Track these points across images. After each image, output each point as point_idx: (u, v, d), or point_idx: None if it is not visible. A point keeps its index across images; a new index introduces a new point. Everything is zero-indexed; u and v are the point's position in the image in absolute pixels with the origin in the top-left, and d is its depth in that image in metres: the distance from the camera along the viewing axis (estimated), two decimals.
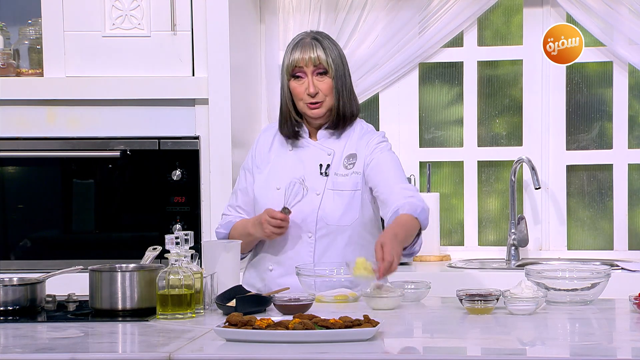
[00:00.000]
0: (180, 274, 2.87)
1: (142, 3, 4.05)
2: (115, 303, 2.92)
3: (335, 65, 3.22)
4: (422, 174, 4.49)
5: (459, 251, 4.49)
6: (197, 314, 2.89)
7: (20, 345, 2.62)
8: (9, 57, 4.11)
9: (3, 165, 4.11)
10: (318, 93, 3.22)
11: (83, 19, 4.04)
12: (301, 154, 3.28)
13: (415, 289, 3.13)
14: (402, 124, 4.52)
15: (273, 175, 3.28)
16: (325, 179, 3.24)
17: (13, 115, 4.09)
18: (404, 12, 4.41)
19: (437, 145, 4.56)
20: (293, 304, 2.89)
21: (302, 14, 4.44)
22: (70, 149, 4.06)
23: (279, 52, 4.47)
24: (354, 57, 4.43)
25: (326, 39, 3.25)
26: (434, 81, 4.57)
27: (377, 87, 4.49)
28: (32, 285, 3.00)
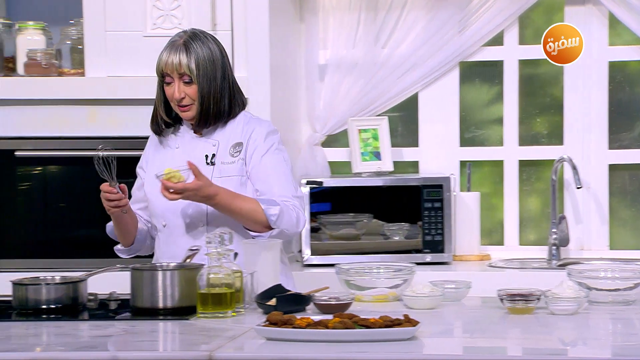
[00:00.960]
0: (221, 273, 2.88)
1: (182, 3, 4.07)
2: (156, 302, 2.93)
3: (201, 69, 3.22)
4: (463, 174, 4.47)
5: (499, 251, 4.47)
6: (237, 312, 2.90)
7: (62, 344, 2.64)
8: (51, 57, 4.14)
9: (45, 165, 4.15)
10: (184, 97, 3.24)
11: (124, 19, 4.06)
12: (187, 149, 3.31)
13: (455, 288, 3.12)
14: (442, 123, 4.51)
15: (159, 171, 3.29)
16: (212, 168, 3.28)
17: (55, 114, 4.12)
18: (444, 11, 4.40)
19: (477, 144, 4.54)
20: (333, 303, 2.89)
21: (342, 13, 4.44)
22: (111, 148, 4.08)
23: (318, 51, 4.47)
24: (393, 56, 4.42)
25: (197, 40, 3.24)
26: (474, 80, 4.55)
27: (416, 86, 4.47)
28: (75, 284, 3.02)
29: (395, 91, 4.46)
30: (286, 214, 3.18)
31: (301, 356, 2.44)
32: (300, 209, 3.24)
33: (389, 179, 4.27)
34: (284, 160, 3.29)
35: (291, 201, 3.22)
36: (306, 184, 4.20)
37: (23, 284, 3.01)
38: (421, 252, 4.20)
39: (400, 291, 3.09)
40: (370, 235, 4.23)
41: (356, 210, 4.23)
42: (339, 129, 4.48)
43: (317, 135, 4.47)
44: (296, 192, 3.27)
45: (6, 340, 2.70)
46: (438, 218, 4.19)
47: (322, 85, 4.48)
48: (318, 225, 4.21)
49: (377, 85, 4.44)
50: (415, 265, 3.19)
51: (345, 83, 4.45)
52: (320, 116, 4.47)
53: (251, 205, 3.17)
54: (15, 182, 4.14)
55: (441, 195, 4.19)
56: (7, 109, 4.11)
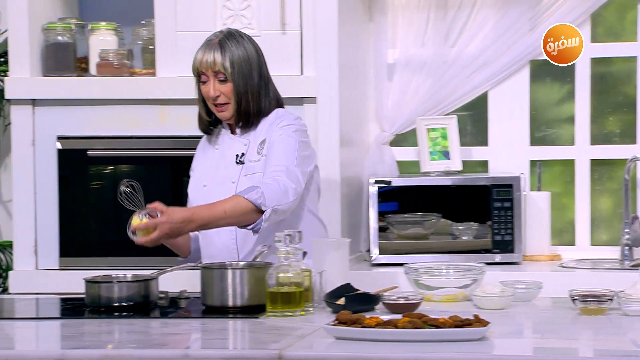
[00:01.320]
0: (290, 272, 2.88)
1: (252, 3, 4.09)
2: (226, 300, 2.95)
3: (236, 67, 3.22)
4: (533, 173, 4.43)
5: (570, 251, 4.42)
6: (306, 311, 2.91)
7: (134, 341, 2.67)
8: (122, 58, 4.19)
9: (117, 164, 4.20)
10: (220, 96, 3.25)
11: (195, 19, 4.09)
12: (224, 149, 3.32)
13: (526, 288, 3.09)
14: (512, 122, 4.47)
15: (202, 174, 3.36)
16: (240, 167, 3.28)
17: (126, 114, 4.17)
18: (515, 9, 4.36)
19: (547, 143, 4.50)
20: (402, 303, 2.88)
21: (412, 12, 4.43)
22: (181, 148, 4.12)
23: (387, 50, 4.46)
24: (462, 55, 4.40)
25: (232, 39, 3.25)
26: (544, 78, 4.51)
27: (486, 85, 4.45)
28: (146, 282, 3.06)
29: (464, 90, 4.43)
30: (268, 189, 3.10)
31: (370, 356, 2.44)
32: (287, 179, 3.14)
33: (458, 178, 4.25)
34: (290, 139, 3.22)
35: (275, 173, 3.15)
36: (374, 183, 4.19)
37: (95, 282, 3.05)
38: (490, 252, 4.17)
39: (470, 291, 3.07)
40: (438, 235, 4.21)
41: (424, 209, 4.22)
42: (407, 128, 4.47)
43: (385, 134, 4.46)
44: (292, 164, 3.18)
45: (79, 337, 2.74)
46: (508, 218, 4.16)
47: (391, 85, 4.47)
48: (386, 225, 4.20)
49: (446, 84, 4.42)
50: (485, 265, 3.17)
51: (414, 82, 4.44)
52: (388, 115, 4.46)
53: (231, 201, 3.09)
54: (87, 181, 4.19)
55: (511, 195, 4.16)
56: (80, 109, 4.16)
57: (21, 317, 3.04)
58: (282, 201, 3.12)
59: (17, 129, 4.18)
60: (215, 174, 3.32)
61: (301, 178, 3.19)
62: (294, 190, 3.15)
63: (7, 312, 3.12)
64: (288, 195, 3.13)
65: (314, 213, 3.37)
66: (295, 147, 3.22)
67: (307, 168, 3.26)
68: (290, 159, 3.20)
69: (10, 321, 2.98)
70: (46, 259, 4.19)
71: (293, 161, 3.20)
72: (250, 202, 3.08)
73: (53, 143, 4.17)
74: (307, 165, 3.26)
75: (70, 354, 2.49)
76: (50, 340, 2.78)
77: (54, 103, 4.17)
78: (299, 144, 3.24)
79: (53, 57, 4.19)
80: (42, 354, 2.52)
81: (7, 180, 4.56)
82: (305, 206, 3.33)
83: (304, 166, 3.23)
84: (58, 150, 4.17)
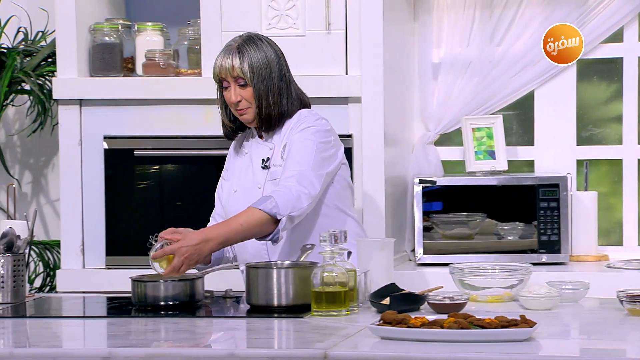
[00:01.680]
0: (335, 272, 2.88)
1: (297, 3, 4.09)
2: (271, 299, 2.96)
3: (255, 71, 3.20)
4: (580, 173, 4.40)
5: (618, 251, 4.38)
6: (351, 311, 2.90)
7: (180, 340, 2.69)
8: (168, 58, 4.21)
9: (162, 164, 4.22)
10: (241, 101, 3.23)
11: (240, 19, 4.10)
12: (252, 154, 3.32)
13: (572, 289, 3.07)
14: (559, 121, 4.44)
15: (233, 179, 3.35)
16: (266, 172, 3.27)
17: (172, 114, 4.19)
18: (562, 8, 4.33)
19: (594, 143, 4.46)
20: (447, 303, 2.87)
21: (457, 11, 4.41)
22: (225, 147, 4.13)
23: (432, 50, 4.45)
24: (508, 54, 4.37)
25: (251, 44, 3.23)
26: (592, 78, 4.47)
27: (532, 84, 4.42)
28: (192, 281, 3.07)
29: (510, 89, 4.41)
30: (281, 197, 3.09)
31: (416, 356, 2.43)
32: (298, 185, 3.12)
33: (504, 178, 4.23)
34: (308, 142, 3.21)
35: (286, 180, 3.14)
36: (419, 183, 4.18)
37: (142, 280, 3.07)
38: (536, 252, 4.14)
39: (516, 291, 3.05)
40: (483, 235, 4.19)
41: (469, 209, 4.20)
42: (452, 127, 4.46)
43: (430, 134, 4.45)
44: (307, 169, 3.16)
45: (125, 335, 2.76)
46: (554, 218, 4.13)
47: (436, 84, 4.46)
48: (430, 225, 4.19)
49: (492, 84, 4.40)
50: (531, 266, 3.15)
51: (459, 81, 4.42)
52: (433, 115, 4.45)
53: (246, 214, 3.08)
54: (133, 181, 4.22)
55: (557, 195, 4.13)
56: (126, 109, 4.19)
57: (68, 316, 3.06)
58: (296, 207, 3.11)
59: (65, 129, 4.22)
60: (244, 179, 3.32)
61: (316, 181, 3.17)
62: (306, 195, 3.14)
63: (55, 311, 3.15)
64: (301, 200, 3.12)
65: (344, 211, 3.35)
66: (312, 150, 3.21)
67: (326, 169, 3.23)
68: (306, 164, 3.18)
69: (58, 319, 3.01)
70: (93, 258, 4.22)
71: (308, 165, 3.18)
72: (265, 212, 3.08)
73: (100, 143, 4.21)
74: (327, 167, 3.23)
75: (117, 352, 2.51)
76: (97, 338, 2.81)
77: (101, 103, 4.21)
78: (318, 145, 3.22)
79: (100, 58, 4.22)
80: (89, 353, 2.54)
81: (54, 180, 4.61)
82: (335, 205, 3.32)
83: (321, 168, 3.21)
84: (104, 150, 4.21)
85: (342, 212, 3.34)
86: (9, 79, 4.36)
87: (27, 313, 3.07)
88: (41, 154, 4.67)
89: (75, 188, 4.21)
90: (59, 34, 4.21)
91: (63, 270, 4.23)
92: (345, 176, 3.36)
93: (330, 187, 3.28)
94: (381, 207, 4.05)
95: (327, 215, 3.28)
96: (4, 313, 3.04)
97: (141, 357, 2.50)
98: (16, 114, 4.68)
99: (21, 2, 4.52)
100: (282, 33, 4.09)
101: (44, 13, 4.44)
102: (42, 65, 4.39)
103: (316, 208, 3.24)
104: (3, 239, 3.18)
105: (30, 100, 4.45)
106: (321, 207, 3.27)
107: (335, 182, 3.30)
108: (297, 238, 3.24)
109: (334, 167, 3.27)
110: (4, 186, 4.57)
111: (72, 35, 4.19)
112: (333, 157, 3.27)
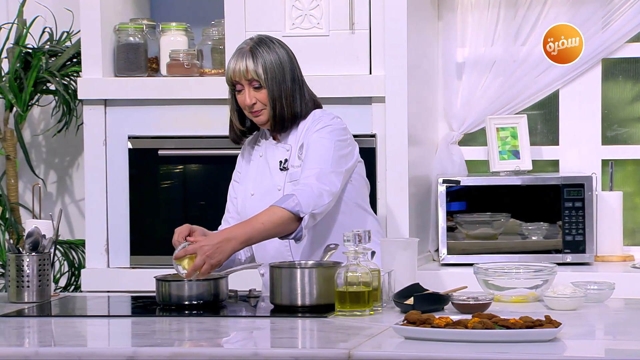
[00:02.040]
0: (358, 272, 2.88)
1: (321, 3, 4.09)
2: (295, 299, 2.96)
3: (269, 73, 3.20)
4: (605, 173, 4.38)
5: None
6: (374, 311, 2.90)
7: (204, 339, 2.69)
8: (193, 58, 4.22)
9: (186, 163, 4.23)
10: (256, 103, 3.22)
11: (264, 19, 4.11)
12: (267, 157, 3.31)
13: (598, 289, 3.06)
14: (583, 120, 4.42)
15: (248, 183, 3.33)
16: (284, 173, 3.26)
17: (196, 114, 4.20)
18: (587, 7, 4.31)
19: (620, 142, 4.44)
20: (472, 303, 2.86)
21: (481, 11, 4.40)
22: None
23: (456, 49, 4.44)
24: (533, 54, 4.35)
25: (263, 45, 3.22)
26: (617, 77, 4.45)
27: (557, 83, 4.40)
28: (216, 281, 3.07)
29: (534, 89, 4.39)
30: (303, 195, 3.10)
31: (440, 356, 2.43)
32: (318, 182, 3.12)
33: (528, 177, 4.21)
34: (326, 141, 3.21)
35: (306, 179, 3.14)
36: (443, 182, 4.18)
37: (166, 280, 3.08)
38: (561, 253, 4.13)
39: (541, 292, 3.04)
40: (507, 235, 4.18)
41: (493, 209, 4.19)
42: (476, 127, 4.45)
43: (454, 133, 4.44)
44: (327, 167, 3.16)
45: (150, 335, 2.77)
46: (579, 218, 4.11)
47: (460, 83, 4.45)
48: (454, 225, 4.18)
49: (516, 83, 4.38)
50: (556, 266, 3.14)
51: (483, 81, 4.41)
52: (457, 114, 4.44)
53: (268, 213, 3.09)
54: (157, 180, 4.24)
55: (582, 195, 4.12)
56: (150, 109, 4.21)
57: (93, 315, 3.08)
58: (318, 204, 3.12)
59: (89, 128, 4.23)
60: (261, 182, 3.31)
61: (335, 179, 3.18)
62: (327, 192, 3.15)
63: (80, 310, 3.16)
64: (323, 197, 3.13)
65: (364, 208, 3.36)
66: (330, 149, 3.21)
67: (345, 167, 3.24)
68: (325, 162, 3.19)
69: (83, 319, 3.02)
70: (117, 257, 4.24)
71: (327, 163, 3.19)
72: (288, 210, 3.08)
73: (124, 143, 4.22)
74: (345, 164, 3.24)
75: (142, 351, 2.52)
76: (121, 337, 2.82)
77: (125, 103, 4.22)
78: (335, 143, 3.23)
79: (124, 58, 4.23)
80: (114, 352, 2.55)
81: (79, 180, 4.63)
82: (354, 202, 3.32)
83: (340, 166, 3.22)
84: (129, 149, 4.22)
85: (362, 208, 3.34)
86: (35, 79, 4.39)
87: (52, 312, 3.08)
88: (66, 153, 4.69)
89: (99, 188, 4.23)
90: (84, 34, 4.22)
91: (88, 269, 4.24)
92: (362, 173, 3.37)
93: (348, 184, 3.29)
94: (405, 207, 4.05)
95: (347, 213, 3.29)
96: (29, 312, 3.06)
97: (166, 357, 2.50)
98: (41, 114, 4.70)
99: (46, 2, 4.54)
100: (306, 33, 4.09)
101: (69, 13, 4.46)
102: (67, 66, 4.41)
103: (336, 206, 3.25)
104: (29, 239, 3.20)
105: (55, 100, 4.47)
106: (340, 204, 3.27)
107: (353, 179, 3.31)
108: (318, 236, 3.25)
109: (352, 165, 3.28)
110: (30, 186, 4.60)
111: (96, 35, 4.21)
112: (350, 154, 3.28)
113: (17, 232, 4.39)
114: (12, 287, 3.18)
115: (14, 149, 4.49)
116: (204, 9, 4.41)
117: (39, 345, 2.65)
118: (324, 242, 3.22)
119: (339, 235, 3.07)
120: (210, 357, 2.50)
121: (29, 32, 4.45)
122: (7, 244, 3.26)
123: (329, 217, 3.23)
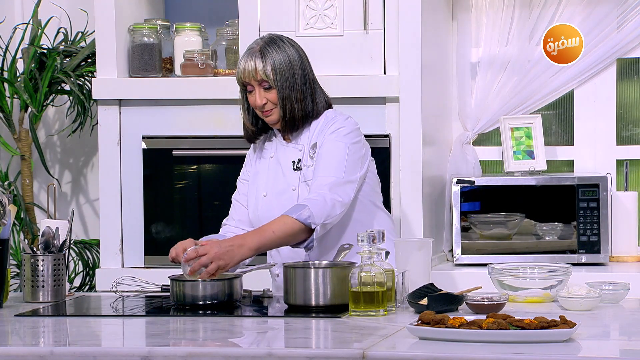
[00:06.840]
0: (372, 272, 2.88)
1: (335, 3, 4.09)
2: (309, 299, 2.96)
3: (278, 73, 3.18)
4: (620, 173, 4.37)
5: None
6: (389, 311, 2.90)
7: (218, 339, 2.70)
8: (207, 58, 4.23)
9: (201, 164, 4.24)
10: (267, 103, 3.21)
11: (278, 19, 4.11)
12: (279, 157, 3.29)
13: (613, 290, 3.05)
14: (598, 120, 4.41)
15: (259, 184, 3.31)
16: (298, 173, 3.25)
17: (210, 114, 4.20)
18: (602, 7, 4.30)
19: (635, 142, 4.43)
20: (486, 303, 2.86)
21: (496, 10, 4.39)
22: None
23: (471, 49, 4.43)
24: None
25: (273, 45, 3.21)
26: (632, 77, 4.44)
27: (572, 83, 4.39)
28: (230, 281, 3.08)
29: (549, 89, 4.38)
30: (316, 206, 3.09)
31: (455, 356, 2.43)
32: (330, 193, 3.11)
33: (543, 178, 4.20)
34: (342, 146, 3.19)
35: (320, 187, 3.14)
36: (457, 182, 4.17)
37: (181, 280, 3.09)
38: (576, 253, 4.12)
39: (555, 292, 3.04)
40: (522, 235, 4.17)
41: (508, 209, 4.18)
42: (490, 127, 4.44)
43: (468, 133, 4.43)
44: (341, 174, 3.16)
45: (165, 334, 2.77)
46: (594, 218, 4.10)
47: (474, 83, 4.44)
48: (468, 225, 4.17)
49: (531, 83, 4.37)
50: (571, 266, 3.13)
51: (498, 81, 4.40)
52: (471, 114, 4.43)
53: (279, 222, 3.09)
54: (172, 181, 4.24)
55: (597, 195, 4.11)
56: (165, 109, 4.21)
57: (107, 315, 3.08)
58: (330, 216, 3.12)
59: (104, 129, 4.24)
60: (274, 183, 3.30)
61: (349, 188, 3.18)
62: (340, 202, 3.14)
63: (94, 310, 3.17)
64: (335, 209, 3.13)
65: (379, 207, 3.36)
66: (344, 154, 3.20)
67: (359, 172, 3.23)
68: (339, 170, 3.18)
69: (97, 318, 3.03)
70: (131, 257, 4.25)
71: (342, 170, 3.18)
72: (300, 221, 3.08)
73: (139, 143, 4.23)
74: (359, 169, 3.23)
75: (156, 351, 2.52)
76: (136, 337, 2.82)
77: (140, 103, 4.23)
78: (349, 147, 3.21)
79: (139, 58, 4.24)
80: (128, 352, 2.55)
81: (94, 180, 4.64)
82: (368, 200, 3.32)
83: (354, 172, 3.21)
84: (143, 150, 4.23)
85: (375, 205, 3.35)
86: (50, 80, 4.40)
87: (67, 312, 3.09)
88: (81, 153, 4.71)
89: (114, 188, 4.24)
90: (99, 34, 4.24)
91: (102, 269, 4.25)
92: (373, 170, 3.37)
93: (364, 183, 3.29)
94: (419, 207, 4.04)
95: (361, 211, 3.29)
96: (44, 312, 3.07)
97: (180, 356, 2.51)
98: (56, 114, 4.72)
99: (61, 2, 4.56)
100: (320, 33, 4.09)
101: (84, 14, 4.47)
102: (82, 66, 4.42)
103: (351, 205, 3.24)
104: (42, 238, 3.20)
105: (70, 100, 4.49)
106: (356, 203, 3.27)
107: (368, 178, 3.31)
108: (332, 234, 3.25)
109: (366, 169, 3.28)
110: (45, 186, 4.61)
111: (111, 35, 4.22)
112: (365, 157, 3.28)
113: (32, 232, 4.41)
114: (27, 286, 3.19)
115: (29, 149, 4.51)
116: (218, 9, 4.41)
117: (54, 345, 2.66)
118: (338, 240, 3.22)
119: (354, 233, 3.07)
120: (225, 356, 2.50)
121: (44, 33, 4.46)
122: (22, 244, 3.26)
123: (345, 216, 3.23)
